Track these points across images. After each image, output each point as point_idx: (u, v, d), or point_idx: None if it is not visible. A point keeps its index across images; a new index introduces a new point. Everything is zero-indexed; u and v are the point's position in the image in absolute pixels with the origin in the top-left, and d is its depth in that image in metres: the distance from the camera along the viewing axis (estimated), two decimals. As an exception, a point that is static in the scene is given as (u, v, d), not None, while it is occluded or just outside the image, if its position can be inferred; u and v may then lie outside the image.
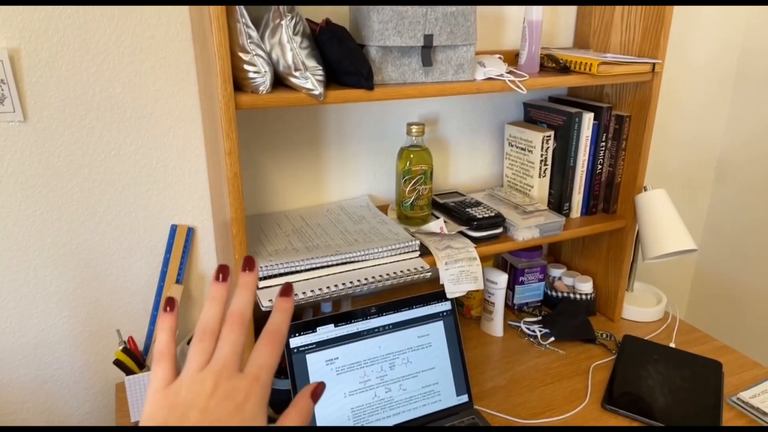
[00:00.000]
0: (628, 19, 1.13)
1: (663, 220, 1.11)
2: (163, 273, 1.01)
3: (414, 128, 1.06)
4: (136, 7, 0.90)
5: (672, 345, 1.18)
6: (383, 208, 1.18)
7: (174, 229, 1.02)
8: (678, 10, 1.37)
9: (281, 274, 0.88)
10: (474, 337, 1.22)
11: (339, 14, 1.03)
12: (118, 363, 0.92)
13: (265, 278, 0.87)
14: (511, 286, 1.31)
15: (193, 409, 0.39)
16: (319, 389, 0.45)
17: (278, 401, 0.96)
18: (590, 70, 1.02)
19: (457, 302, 1.32)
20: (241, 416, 0.39)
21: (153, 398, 0.41)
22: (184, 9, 0.93)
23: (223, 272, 0.45)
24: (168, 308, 0.45)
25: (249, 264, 0.46)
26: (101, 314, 1.03)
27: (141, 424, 0.41)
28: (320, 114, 1.10)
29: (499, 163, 1.32)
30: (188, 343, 1.03)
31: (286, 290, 0.46)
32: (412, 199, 1.09)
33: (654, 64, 1.08)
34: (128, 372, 0.92)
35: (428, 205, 1.12)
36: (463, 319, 1.29)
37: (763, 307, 1.54)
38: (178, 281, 1.01)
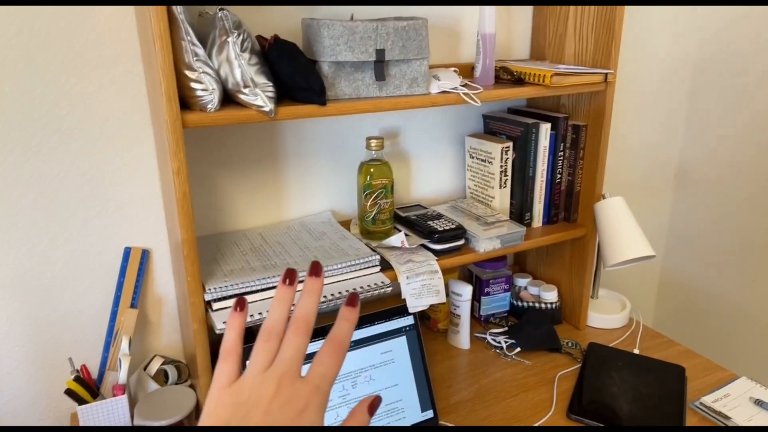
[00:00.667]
0: (580, 30, 1.15)
1: (621, 227, 1.13)
2: (117, 297, 0.98)
3: (373, 142, 1.06)
4: (83, 25, 0.88)
5: (636, 351, 1.19)
6: (346, 224, 1.17)
7: (128, 251, 0.99)
8: (633, 20, 1.40)
9: (237, 295, 0.86)
10: (441, 351, 1.21)
11: (293, 29, 1.03)
12: (69, 393, 0.89)
13: (219, 299, 0.85)
14: (477, 298, 1.31)
15: (256, 410, 0.40)
16: (376, 402, 0.46)
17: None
18: (544, 81, 1.03)
19: (423, 316, 1.32)
20: (301, 423, 0.40)
21: (216, 395, 0.42)
22: (133, 27, 0.92)
23: (290, 276, 0.47)
24: (238, 308, 0.46)
25: (315, 270, 0.47)
26: (53, 342, 0.99)
27: (202, 420, 0.41)
28: (277, 129, 1.09)
29: (461, 174, 1.32)
30: (144, 369, 1.00)
31: (352, 300, 0.46)
32: (373, 214, 1.08)
33: (606, 74, 1.09)
34: (81, 402, 0.89)
35: (390, 219, 1.11)
36: (430, 332, 1.29)
37: (726, 310, 1.57)
38: (133, 305, 0.98)
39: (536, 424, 0.98)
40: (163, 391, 0.96)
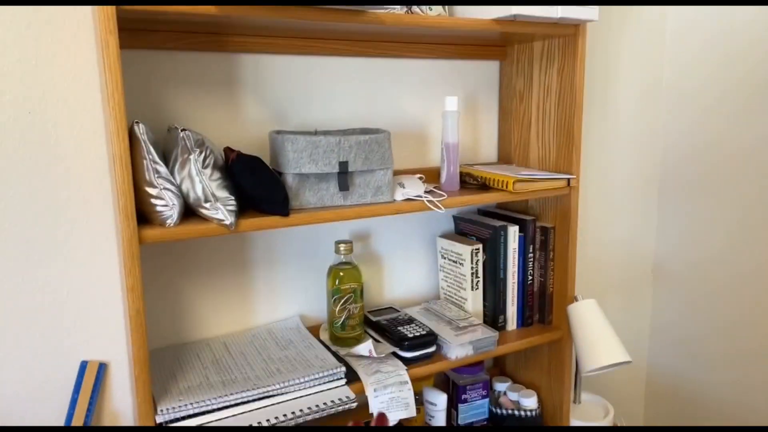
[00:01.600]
0: (542, 136, 1.20)
1: (594, 331, 1.11)
2: (69, 415, 0.93)
3: (342, 246, 1.06)
4: (49, 141, 0.91)
5: (621, 462, 1.13)
6: (316, 329, 1.14)
7: (84, 365, 0.95)
8: (592, 125, 1.46)
9: (192, 415, 0.82)
10: (416, 465, 1.15)
11: (261, 143, 1.06)
12: None
13: (171, 421, 0.80)
14: (454, 405, 1.25)
15: None
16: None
17: None
18: (507, 187, 1.05)
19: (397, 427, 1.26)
20: None
21: None
22: (102, 141, 0.94)
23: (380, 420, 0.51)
24: None
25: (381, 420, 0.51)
26: (-4, 466, 0.93)
27: None
28: (246, 237, 1.09)
29: (434, 275, 1.31)
30: (93, 495, 0.93)
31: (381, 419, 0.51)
32: (342, 319, 1.06)
33: (569, 179, 1.12)
34: None
35: (360, 324, 1.09)
36: (405, 443, 1.22)
37: (716, 408, 1.51)
38: (86, 423, 0.93)
39: None
40: None
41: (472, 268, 1.18)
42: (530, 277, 1.21)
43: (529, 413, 1.23)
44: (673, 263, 1.59)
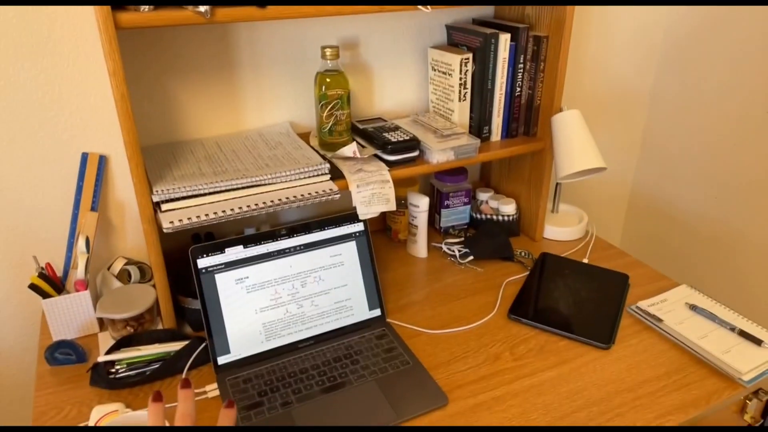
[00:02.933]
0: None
1: (573, 140, 1.14)
2: (77, 201, 1.02)
3: (328, 51, 1.05)
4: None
5: (585, 260, 1.23)
6: (305, 135, 1.18)
7: (85, 156, 1.02)
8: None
9: (185, 197, 0.89)
10: (399, 259, 1.27)
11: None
12: (33, 287, 0.95)
13: (168, 201, 0.89)
14: (437, 210, 1.34)
15: None
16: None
17: (191, 320, 1.01)
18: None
19: (386, 228, 1.36)
20: None
21: None
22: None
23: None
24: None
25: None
26: (18, 242, 1.04)
27: None
28: (230, 38, 1.08)
29: (425, 88, 1.32)
30: (108, 269, 1.06)
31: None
32: (330, 125, 1.10)
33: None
34: (45, 296, 0.95)
35: (347, 130, 1.13)
36: (391, 243, 1.34)
37: (692, 224, 1.61)
38: (93, 209, 1.03)
39: (477, 323, 1.04)
40: (125, 288, 1.02)
41: (460, 78, 1.18)
42: (519, 89, 1.21)
43: (506, 218, 1.32)
44: (671, 90, 1.57)
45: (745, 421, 0.99)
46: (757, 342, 0.95)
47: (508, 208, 1.32)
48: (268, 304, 0.96)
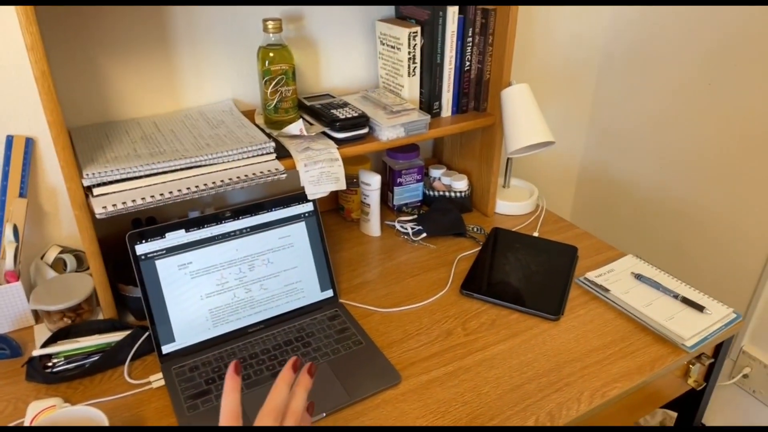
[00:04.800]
0: None
1: (522, 114, 1.14)
2: (3, 187, 0.95)
3: (270, 24, 1.01)
4: None
5: (536, 234, 1.25)
6: (250, 113, 1.14)
7: (10, 139, 0.95)
8: None
9: (118, 180, 0.85)
10: (352, 238, 1.25)
11: None
12: (-42, 281, 0.89)
13: (100, 185, 0.84)
14: (390, 188, 1.33)
15: None
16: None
17: (133, 308, 0.97)
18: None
19: (338, 207, 1.34)
20: None
21: None
22: None
23: (294, 364, 0.59)
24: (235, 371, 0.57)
25: (310, 370, 0.60)
26: (-57, 234, 0.97)
27: None
28: (165, 10, 1.02)
29: (374, 63, 1.29)
30: (42, 258, 1.00)
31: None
32: (275, 102, 1.06)
33: (512, -49, 1.05)
34: (-28, 290, 0.89)
35: (294, 107, 1.09)
36: (344, 222, 1.32)
37: (637, 200, 1.65)
38: (21, 195, 0.96)
39: (430, 300, 1.04)
40: (61, 278, 0.97)
41: (409, 53, 1.15)
42: (468, 63, 1.20)
43: (459, 194, 1.32)
44: (621, 49, 1.59)
45: (689, 384, 1.03)
46: (699, 308, 0.99)
47: (461, 185, 1.31)
48: (214, 289, 0.92)
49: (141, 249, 0.87)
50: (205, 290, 0.92)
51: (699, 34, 1.36)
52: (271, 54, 1.02)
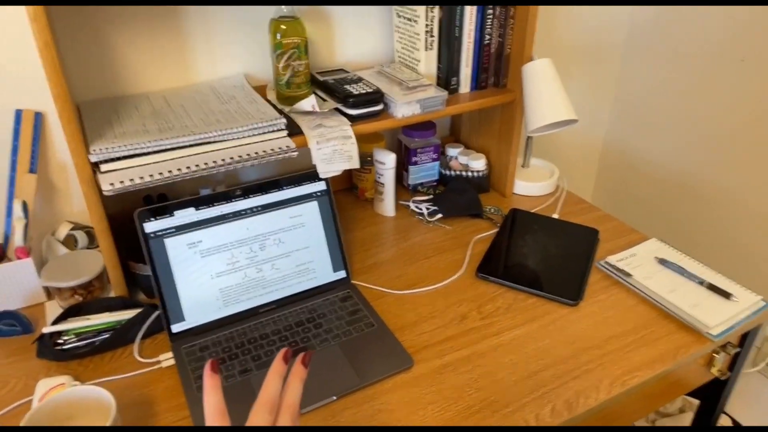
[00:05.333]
0: None
1: (544, 91, 1.09)
2: (12, 162, 0.94)
3: (282, -5, 0.97)
4: None
5: (555, 216, 1.21)
6: (262, 89, 1.11)
7: (19, 113, 0.94)
8: None
9: (126, 157, 0.83)
10: (366, 218, 1.22)
11: None
12: (-31, 257, 0.88)
13: (108, 161, 0.82)
14: (405, 167, 1.30)
15: None
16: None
17: (143, 286, 0.96)
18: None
19: (352, 186, 1.31)
20: None
21: None
22: None
23: (286, 355, 0.57)
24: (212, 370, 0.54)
25: (305, 359, 0.57)
26: (-45, 210, 0.97)
27: None
28: (175, -19, 0.99)
29: (390, 37, 1.24)
30: (53, 234, 1.00)
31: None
32: (287, 77, 1.03)
33: None
34: (-17, 265, 0.89)
35: (306, 82, 1.06)
36: (357, 201, 1.29)
37: (662, 181, 1.59)
38: (32, 170, 0.95)
39: (444, 282, 1.01)
40: (72, 254, 0.96)
41: (426, 25, 1.11)
42: (488, 37, 1.15)
43: (476, 174, 1.28)
44: (646, 27, 1.52)
45: (712, 374, 0.99)
46: (726, 295, 0.94)
47: (478, 164, 1.27)
48: (224, 268, 0.91)
49: (150, 227, 0.86)
50: (216, 269, 0.90)
51: (730, 8, 1.29)
52: (283, 26, 0.99)
